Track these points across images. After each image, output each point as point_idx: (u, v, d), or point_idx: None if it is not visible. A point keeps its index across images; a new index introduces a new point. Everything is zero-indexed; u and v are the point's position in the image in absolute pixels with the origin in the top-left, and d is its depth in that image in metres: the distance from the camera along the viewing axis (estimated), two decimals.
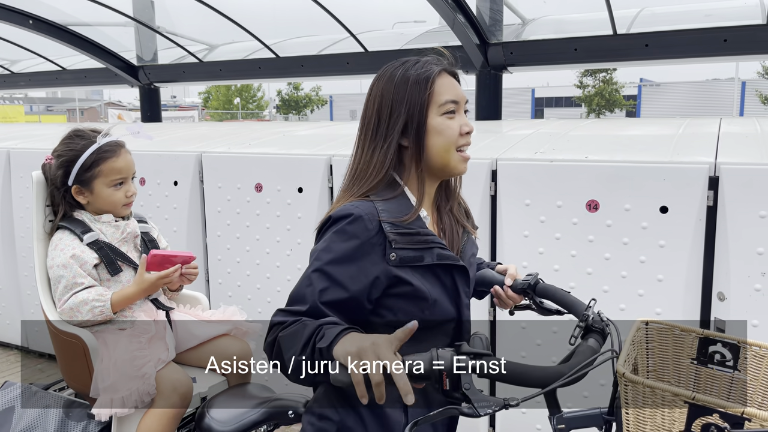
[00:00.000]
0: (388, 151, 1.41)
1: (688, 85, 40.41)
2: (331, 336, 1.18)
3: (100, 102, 45.24)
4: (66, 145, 2.17)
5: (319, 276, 1.33)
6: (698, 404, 1.01)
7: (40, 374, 4.22)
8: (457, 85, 1.46)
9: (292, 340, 1.26)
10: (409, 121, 1.40)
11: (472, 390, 1.10)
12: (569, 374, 1.14)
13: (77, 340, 2.05)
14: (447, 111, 1.41)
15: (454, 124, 1.42)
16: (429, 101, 1.40)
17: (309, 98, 43.72)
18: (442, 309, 1.43)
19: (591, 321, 1.36)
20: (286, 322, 1.31)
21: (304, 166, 3.12)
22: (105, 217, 2.18)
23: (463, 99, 1.46)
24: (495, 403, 1.10)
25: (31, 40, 6.59)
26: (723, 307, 2.29)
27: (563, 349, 2.62)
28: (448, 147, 1.42)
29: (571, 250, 2.52)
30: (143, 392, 1.99)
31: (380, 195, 1.40)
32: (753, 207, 2.20)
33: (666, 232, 2.35)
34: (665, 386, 1.04)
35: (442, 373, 1.10)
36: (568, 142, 2.86)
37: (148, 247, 2.27)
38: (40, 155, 3.99)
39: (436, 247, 1.41)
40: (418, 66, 1.43)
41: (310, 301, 1.31)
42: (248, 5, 5.85)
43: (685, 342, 1.34)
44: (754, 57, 3.91)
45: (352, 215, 1.34)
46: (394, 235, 1.35)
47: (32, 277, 4.24)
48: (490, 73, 4.43)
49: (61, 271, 2.08)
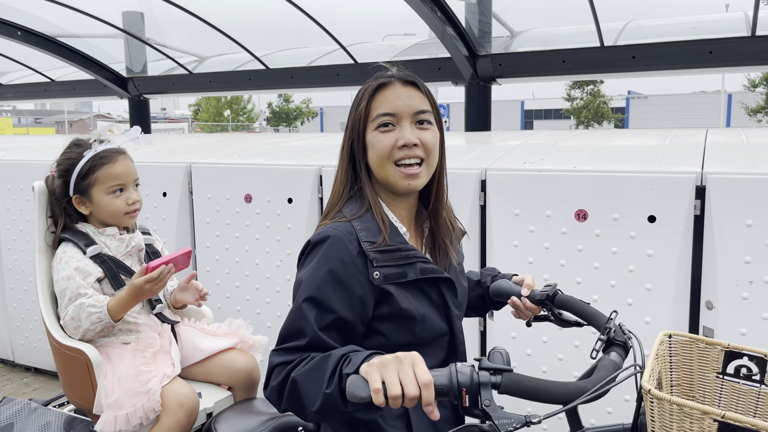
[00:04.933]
0: (344, 166, 1.45)
1: (676, 97, 40.82)
2: (359, 359, 1.15)
3: (89, 114, 45.03)
4: (64, 155, 2.13)
5: (309, 305, 1.30)
6: (728, 422, 0.97)
7: (26, 388, 4.16)
8: (405, 96, 1.39)
9: (314, 375, 1.21)
10: (353, 137, 1.43)
11: (493, 407, 1.07)
12: (592, 390, 1.11)
13: (80, 354, 2.01)
14: (380, 124, 1.39)
15: (386, 138, 1.38)
16: (365, 116, 1.40)
17: (300, 110, 43.75)
18: (432, 324, 1.41)
19: (613, 334, 1.31)
20: (289, 361, 1.27)
21: (293, 176, 3.11)
22: (109, 230, 2.13)
23: (408, 111, 1.39)
24: (516, 421, 1.07)
25: (19, 52, 6.56)
26: (711, 315, 2.30)
27: (551, 358, 2.63)
28: (380, 161, 1.39)
29: (560, 259, 2.53)
30: (148, 408, 1.93)
31: (353, 212, 1.39)
32: (740, 216, 2.22)
33: (654, 241, 2.36)
34: (693, 404, 1.00)
35: (462, 389, 1.07)
36: (557, 152, 2.87)
37: (152, 259, 2.22)
38: (28, 167, 3.98)
39: (418, 262, 1.40)
40: (368, 82, 1.44)
41: (309, 333, 1.28)
42: (238, 17, 5.86)
43: (710, 356, 1.30)
44: (739, 69, 3.95)
45: (329, 237, 1.33)
46: (375, 253, 1.34)
47: (18, 290, 4.21)
48: (479, 85, 4.46)
49: (65, 284, 2.02)
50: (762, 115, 29.59)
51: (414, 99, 1.40)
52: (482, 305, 1.72)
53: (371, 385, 1.05)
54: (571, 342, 2.53)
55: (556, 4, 6.27)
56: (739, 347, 1.26)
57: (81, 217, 2.15)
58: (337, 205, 1.44)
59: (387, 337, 1.37)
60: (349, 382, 1.07)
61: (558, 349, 2.57)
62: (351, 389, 1.06)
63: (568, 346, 2.54)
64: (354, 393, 1.05)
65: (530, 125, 44.43)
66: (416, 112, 1.40)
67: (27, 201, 4.01)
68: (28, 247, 4.07)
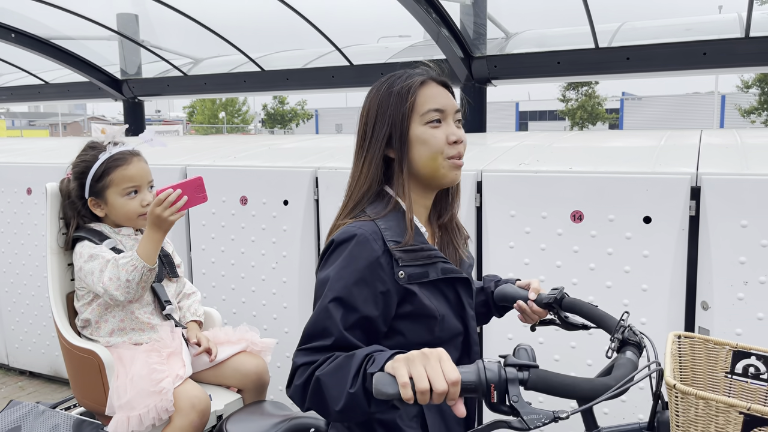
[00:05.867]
0: (373, 163, 1.42)
1: (670, 98, 40.98)
2: (383, 359, 1.14)
3: (83, 116, 44.91)
4: (79, 158, 2.14)
5: (336, 305, 1.29)
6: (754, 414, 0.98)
7: (21, 392, 4.14)
8: (444, 95, 1.44)
9: (338, 374, 1.21)
10: (392, 132, 1.40)
11: (521, 402, 1.07)
12: (617, 386, 1.12)
13: (92, 356, 2.01)
14: (430, 120, 1.40)
15: (439, 133, 1.40)
16: (410, 111, 1.40)
17: (295, 112, 43.73)
18: (450, 325, 1.42)
19: (627, 334, 1.32)
20: (314, 361, 1.27)
21: (289, 178, 3.11)
22: (125, 230, 2.15)
23: (452, 108, 1.43)
24: (545, 416, 1.07)
25: (13, 54, 6.54)
26: (707, 316, 2.31)
27: (548, 359, 2.62)
28: (434, 156, 1.40)
29: (556, 260, 2.53)
30: (161, 409, 1.93)
31: (377, 212, 1.39)
32: (734, 216, 2.23)
33: (649, 242, 2.37)
34: (719, 397, 1.01)
35: (490, 385, 1.07)
36: (552, 153, 2.88)
37: (163, 262, 2.23)
38: (21, 170, 3.96)
39: (439, 262, 1.40)
40: (403, 78, 1.43)
41: (335, 333, 1.27)
42: (233, 19, 5.86)
43: (718, 355, 1.31)
44: (732, 70, 3.97)
45: (356, 236, 1.33)
46: (400, 252, 1.34)
47: (13, 293, 4.19)
48: (475, 86, 4.46)
49: (91, 263, 2.01)
50: (755, 116, 29.73)
51: (451, 98, 1.46)
52: (486, 312, 1.72)
53: (399, 379, 1.05)
54: (567, 343, 2.53)
55: (550, 6, 6.29)
56: (747, 347, 1.28)
57: (95, 220, 2.16)
58: (359, 203, 1.42)
59: (406, 336, 1.38)
60: (376, 379, 1.06)
61: (554, 351, 2.57)
62: (378, 386, 1.05)
63: (565, 347, 2.55)
64: (381, 390, 1.05)
65: (525, 126, 44.54)
66: (457, 110, 1.44)
67: (21, 204, 4.00)
68: (23, 250, 4.06)
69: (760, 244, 2.20)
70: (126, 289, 1.95)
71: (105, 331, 2.12)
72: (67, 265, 2.23)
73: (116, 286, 1.95)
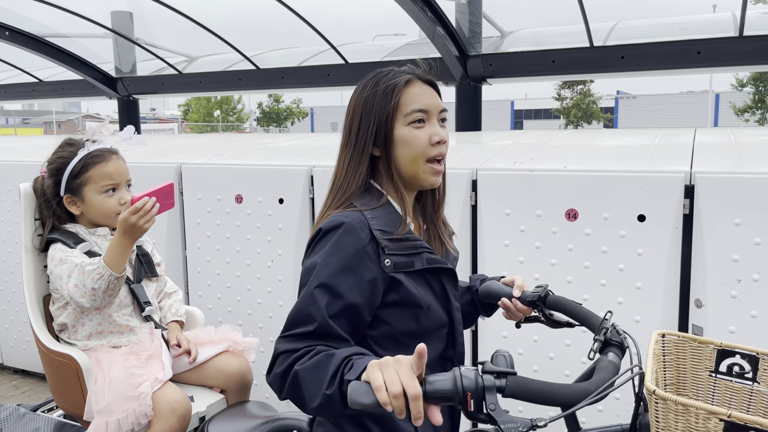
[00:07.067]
0: (361, 160, 1.43)
1: (664, 97, 41.08)
2: (361, 366, 1.13)
3: (77, 114, 44.70)
4: (56, 154, 2.11)
5: (322, 291, 1.29)
6: (735, 422, 0.97)
7: (15, 390, 4.13)
8: (430, 94, 1.44)
9: (316, 373, 1.20)
10: (377, 130, 1.41)
11: (498, 411, 1.05)
12: (597, 392, 1.09)
13: (69, 360, 1.98)
14: (414, 120, 1.40)
15: (422, 134, 1.40)
16: (395, 111, 1.40)
17: (290, 110, 43.65)
18: (435, 315, 1.42)
19: (609, 334, 1.30)
20: (296, 349, 1.27)
21: (284, 177, 3.11)
22: (100, 230, 2.11)
23: (436, 108, 1.43)
24: (522, 424, 1.05)
25: (7, 52, 6.51)
26: (701, 314, 2.32)
27: (542, 356, 2.63)
28: (415, 158, 1.41)
29: (551, 258, 2.54)
30: (140, 413, 1.90)
31: (365, 204, 1.40)
32: (728, 215, 2.24)
33: (644, 240, 2.38)
34: (699, 404, 1.00)
35: (467, 393, 1.05)
36: (547, 152, 2.89)
37: (142, 262, 2.19)
38: (15, 168, 3.94)
39: (424, 252, 1.41)
40: (389, 76, 1.43)
41: (318, 318, 1.27)
42: (228, 17, 5.85)
43: (702, 354, 1.30)
44: (726, 69, 3.99)
45: (343, 224, 1.33)
46: (386, 241, 1.35)
47: (6, 292, 4.17)
48: (470, 85, 4.47)
49: (60, 267, 1.99)
50: (749, 114, 29.84)
51: (436, 97, 1.45)
52: (473, 311, 1.72)
53: (373, 382, 1.04)
54: (562, 341, 2.54)
55: (545, 5, 6.30)
56: (732, 345, 1.27)
57: (70, 219, 2.13)
58: (345, 197, 1.42)
59: (391, 325, 1.38)
60: (351, 389, 1.05)
61: (549, 348, 2.58)
62: (353, 396, 1.04)
63: (559, 345, 2.56)
64: (356, 400, 1.04)
65: (520, 125, 44.57)
66: (441, 110, 1.44)
67: (15, 202, 3.98)
68: (16, 248, 4.04)
69: (754, 242, 2.21)
70: (92, 296, 1.92)
71: (82, 334, 2.08)
72: (42, 267, 2.17)
73: (81, 293, 1.92)
